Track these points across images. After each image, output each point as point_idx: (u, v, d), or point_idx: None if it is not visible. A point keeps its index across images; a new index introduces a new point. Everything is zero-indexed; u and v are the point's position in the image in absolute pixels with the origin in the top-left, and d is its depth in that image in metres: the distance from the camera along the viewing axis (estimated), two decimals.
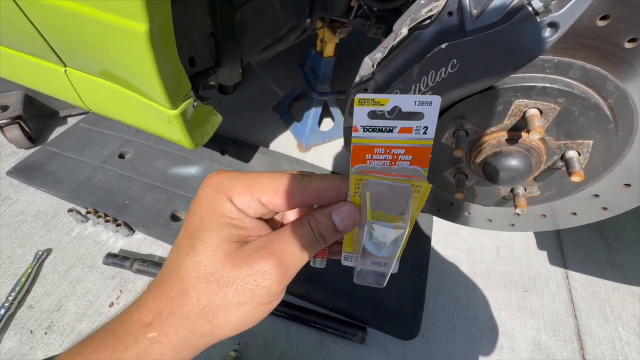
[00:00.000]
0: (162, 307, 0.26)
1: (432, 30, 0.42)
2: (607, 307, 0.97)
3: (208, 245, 0.26)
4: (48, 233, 0.98)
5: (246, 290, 0.25)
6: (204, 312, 0.26)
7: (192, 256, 0.26)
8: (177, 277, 0.27)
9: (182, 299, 0.26)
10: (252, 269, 0.26)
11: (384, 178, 0.25)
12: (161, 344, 0.25)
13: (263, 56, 0.96)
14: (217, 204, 0.27)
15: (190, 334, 0.26)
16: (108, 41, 0.53)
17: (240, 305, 0.25)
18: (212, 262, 0.26)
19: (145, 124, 0.73)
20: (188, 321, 0.26)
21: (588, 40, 0.42)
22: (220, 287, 0.26)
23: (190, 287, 0.26)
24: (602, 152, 0.50)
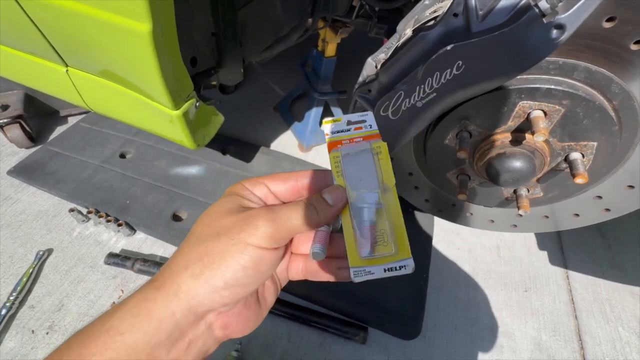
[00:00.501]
0: (166, 265, 0.29)
1: (438, 31, 0.42)
2: (607, 307, 0.97)
3: (216, 207, 0.31)
4: (49, 233, 0.98)
5: (236, 228, 0.28)
6: (200, 253, 0.27)
7: (201, 219, 0.30)
8: (185, 241, 0.30)
9: (185, 243, 0.29)
10: (245, 214, 0.29)
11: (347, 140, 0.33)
12: (157, 290, 0.26)
13: (265, 56, 0.95)
14: (231, 189, 0.33)
15: (182, 275, 0.27)
16: (110, 41, 0.53)
17: (229, 242, 0.27)
18: (216, 215, 0.30)
19: (147, 124, 0.73)
20: (183, 261, 0.27)
21: (593, 41, 0.42)
22: (217, 231, 0.28)
23: (195, 231, 0.29)
24: (606, 153, 0.50)
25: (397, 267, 0.29)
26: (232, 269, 0.26)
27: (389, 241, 0.29)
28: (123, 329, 0.25)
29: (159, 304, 0.26)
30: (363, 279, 0.30)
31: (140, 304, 0.26)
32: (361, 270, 0.29)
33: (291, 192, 0.33)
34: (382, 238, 0.30)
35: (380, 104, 0.48)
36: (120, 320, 0.25)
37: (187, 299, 0.26)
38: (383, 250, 0.29)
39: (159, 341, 0.25)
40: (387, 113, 0.48)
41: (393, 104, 0.47)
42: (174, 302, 0.26)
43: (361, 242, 0.29)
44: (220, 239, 0.27)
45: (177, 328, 0.26)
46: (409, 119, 0.47)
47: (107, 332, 0.25)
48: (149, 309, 0.26)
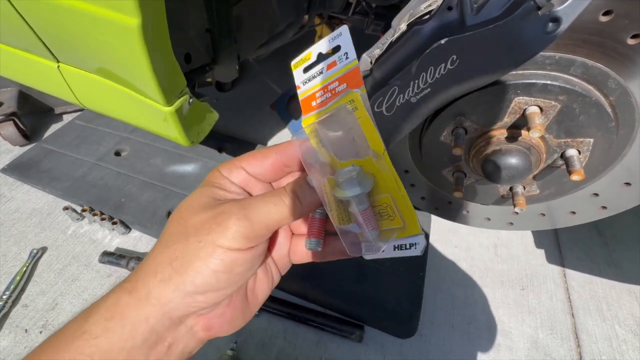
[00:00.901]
0: (139, 267, 0.27)
1: (432, 25, 0.41)
2: (604, 305, 0.97)
3: (189, 201, 0.28)
4: (43, 231, 0.97)
5: (205, 228, 0.25)
6: (169, 256, 0.25)
7: (174, 214, 0.28)
8: (158, 241, 0.28)
9: (154, 251, 0.27)
10: (215, 211, 0.26)
11: (322, 112, 0.26)
12: (130, 294, 0.25)
13: (260, 53, 0.95)
14: (208, 177, 0.30)
15: (152, 281, 0.25)
16: (100, 36, 0.52)
17: (197, 245, 0.25)
18: (187, 211, 0.27)
19: (140, 121, 0.72)
20: (153, 264, 0.26)
21: (590, 36, 0.41)
22: (186, 231, 0.26)
23: (164, 239, 0.27)
24: (602, 150, 0.49)
25: (407, 245, 0.26)
26: (202, 274, 0.24)
27: (396, 213, 0.25)
28: (97, 333, 0.24)
29: (131, 308, 0.25)
30: (374, 256, 0.27)
31: (113, 308, 0.25)
32: (370, 246, 0.27)
33: (274, 170, 0.30)
34: (386, 211, 0.25)
35: (374, 99, 0.47)
36: (94, 324, 0.24)
37: (159, 304, 0.25)
38: (390, 224, 0.25)
39: (134, 345, 0.24)
40: (382, 109, 0.47)
41: (387, 99, 0.46)
42: (146, 307, 0.25)
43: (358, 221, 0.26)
44: (188, 241, 0.25)
45: (153, 332, 0.25)
46: (403, 115, 0.46)
47: (80, 336, 0.24)
48: (122, 313, 0.24)
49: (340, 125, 0.26)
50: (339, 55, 0.26)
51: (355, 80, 0.25)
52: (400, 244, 0.26)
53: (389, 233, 0.26)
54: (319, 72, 0.27)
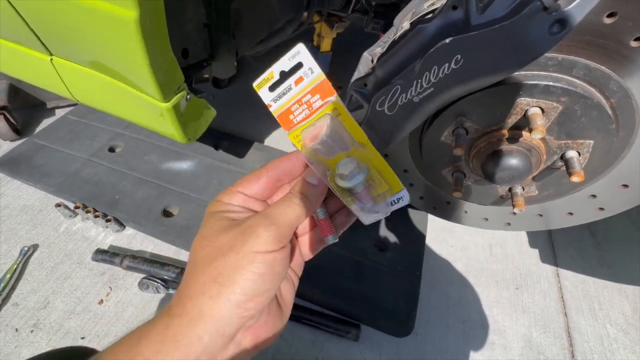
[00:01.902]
0: (181, 292, 0.28)
1: (436, 24, 0.41)
2: (596, 304, 0.98)
3: (206, 230, 0.30)
4: (34, 228, 0.95)
5: (238, 242, 0.27)
6: (211, 275, 0.27)
7: (197, 243, 0.30)
8: (190, 266, 0.29)
9: (193, 275, 0.28)
10: (242, 227, 0.29)
11: (307, 123, 0.30)
12: (180, 317, 0.26)
13: (259, 49, 0.93)
14: (210, 208, 0.32)
15: (201, 299, 0.26)
16: (96, 29, 0.51)
17: (237, 256, 0.27)
18: (210, 237, 0.29)
19: (136, 117, 0.71)
20: (200, 289, 0.27)
21: (593, 38, 0.41)
22: (220, 250, 0.28)
23: (199, 262, 0.29)
24: (602, 152, 0.49)
25: (396, 200, 0.31)
26: (250, 280, 0.26)
27: (382, 181, 0.31)
28: (149, 356, 0.24)
29: (183, 329, 0.25)
30: (373, 219, 0.32)
31: (164, 332, 0.26)
32: (366, 214, 0.31)
33: (267, 187, 0.33)
34: (374, 183, 0.31)
35: (376, 98, 0.47)
36: (146, 346, 0.25)
37: (213, 321, 0.26)
38: (380, 190, 0.31)
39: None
40: (383, 108, 0.47)
41: (389, 98, 0.46)
42: (199, 326, 0.25)
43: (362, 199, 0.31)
44: (227, 256, 0.27)
45: (205, 352, 0.25)
46: (405, 114, 0.46)
47: (133, 358, 0.25)
48: (174, 336, 0.25)
49: (327, 129, 0.30)
50: (304, 70, 0.29)
51: (328, 89, 0.29)
52: (392, 201, 0.31)
53: (381, 197, 0.31)
54: (288, 89, 0.29)
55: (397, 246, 0.98)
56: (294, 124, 0.30)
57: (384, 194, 0.31)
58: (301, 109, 0.30)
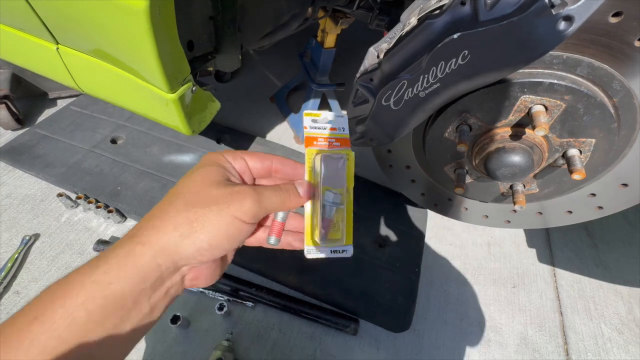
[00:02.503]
0: (151, 217, 0.31)
1: (444, 19, 0.41)
2: (591, 304, 0.99)
3: (201, 174, 0.33)
4: (36, 218, 0.95)
5: (224, 201, 0.31)
6: (189, 218, 0.30)
7: (187, 177, 0.33)
8: (172, 193, 0.32)
9: (170, 206, 0.31)
10: (234, 189, 0.32)
11: (328, 151, 0.37)
12: (143, 245, 0.29)
13: (263, 43, 0.93)
14: (214, 157, 0.35)
15: (170, 234, 0.29)
16: (105, 18, 0.51)
17: (218, 212, 0.30)
18: (203, 183, 0.32)
19: (142, 108, 0.71)
20: (171, 223, 0.30)
21: (598, 37, 0.42)
22: (206, 200, 0.31)
23: (181, 196, 0.31)
24: (603, 151, 0.50)
25: (340, 251, 0.37)
26: (218, 236, 0.30)
27: (340, 230, 0.37)
28: (111, 280, 0.27)
29: (145, 257, 0.29)
30: (313, 256, 0.37)
31: (126, 258, 0.28)
32: (313, 249, 0.36)
33: (265, 170, 0.38)
34: (334, 228, 0.37)
35: (382, 93, 0.47)
36: (106, 273, 0.27)
37: (172, 254, 0.29)
38: (334, 236, 0.37)
39: (144, 288, 0.28)
40: (389, 103, 0.47)
41: (395, 93, 0.46)
42: (160, 256, 0.29)
43: (320, 230, 0.36)
44: (210, 209, 0.30)
45: (160, 277, 0.29)
46: (410, 109, 0.47)
47: (94, 282, 0.27)
48: (135, 262, 0.28)
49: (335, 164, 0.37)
50: (339, 127, 0.39)
51: (347, 143, 0.38)
52: (336, 249, 0.37)
53: (331, 242, 0.37)
54: (324, 129, 0.38)
55: (396, 243, 0.99)
56: (313, 146, 0.38)
57: (335, 240, 0.37)
58: (324, 142, 0.38)
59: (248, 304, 0.84)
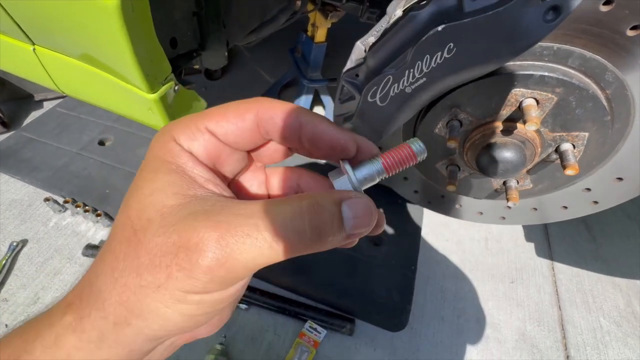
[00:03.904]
0: (86, 282, 0.19)
1: (428, 11, 0.39)
2: (590, 298, 0.98)
3: (141, 196, 0.19)
4: (23, 223, 0.94)
5: (163, 266, 0.17)
6: (118, 295, 0.18)
7: (123, 212, 0.19)
8: (108, 240, 0.20)
9: (101, 272, 0.19)
10: (180, 234, 0.17)
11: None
12: (74, 332, 0.18)
13: (250, 39, 0.91)
14: (158, 149, 0.20)
15: (103, 321, 0.18)
16: (77, 16, 0.49)
17: (156, 290, 0.17)
18: (139, 220, 0.18)
19: (124, 109, 0.69)
20: (103, 306, 0.18)
21: (589, 26, 0.40)
22: (138, 256, 0.18)
23: (109, 251, 0.19)
24: (597, 145, 0.49)
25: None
26: (171, 321, 0.18)
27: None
28: None
29: (80, 352, 0.18)
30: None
31: (53, 350, 0.18)
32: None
33: (252, 136, 0.21)
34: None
35: (368, 89, 0.45)
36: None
37: (120, 346, 0.18)
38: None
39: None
40: (375, 99, 0.45)
41: (381, 89, 0.45)
42: (103, 352, 0.18)
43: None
44: (141, 277, 0.17)
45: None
46: (397, 105, 0.45)
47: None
48: (68, 355, 0.18)
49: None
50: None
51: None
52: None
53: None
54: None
55: (392, 240, 0.98)
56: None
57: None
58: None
59: (242, 306, 0.83)
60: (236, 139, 0.21)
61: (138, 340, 0.18)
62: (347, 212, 0.18)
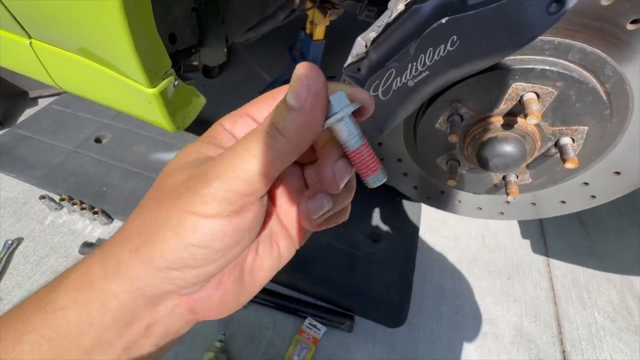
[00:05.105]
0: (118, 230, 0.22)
1: (432, 4, 0.39)
2: (585, 293, 1.00)
3: (174, 159, 0.22)
4: (18, 221, 0.92)
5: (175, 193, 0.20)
6: (141, 224, 0.21)
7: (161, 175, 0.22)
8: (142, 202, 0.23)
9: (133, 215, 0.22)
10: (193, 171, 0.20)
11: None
12: (101, 264, 0.21)
13: (249, 36, 0.91)
14: (207, 133, 0.24)
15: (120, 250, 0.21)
16: (77, 9, 0.48)
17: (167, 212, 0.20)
18: (167, 172, 0.22)
19: (122, 105, 0.68)
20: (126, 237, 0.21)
21: (590, 20, 0.40)
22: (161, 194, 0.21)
23: (147, 195, 0.22)
24: (596, 138, 0.49)
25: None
26: (172, 248, 0.19)
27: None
28: (64, 305, 0.20)
29: (100, 280, 0.20)
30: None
31: (82, 278, 0.21)
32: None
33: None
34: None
35: (370, 83, 0.45)
36: (62, 294, 0.20)
37: (129, 279, 0.20)
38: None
39: (104, 323, 0.20)
40: (377, 93, 0.46)
41: (383, 83, 0.45)
42: (113, 282, 0.20)
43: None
44: (160, 206, 0.20)
45: (126, 311, 0.20)
46: (399, 99, 0.45)
47: (45, 307, 0.20)
48: (90, 285, 0.20)
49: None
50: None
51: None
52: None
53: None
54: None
55: (390, 237, 0.98)
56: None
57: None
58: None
59: None
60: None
61: (144, 273, 0.20)
62: (290, 96, 0.19)
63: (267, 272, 0.25)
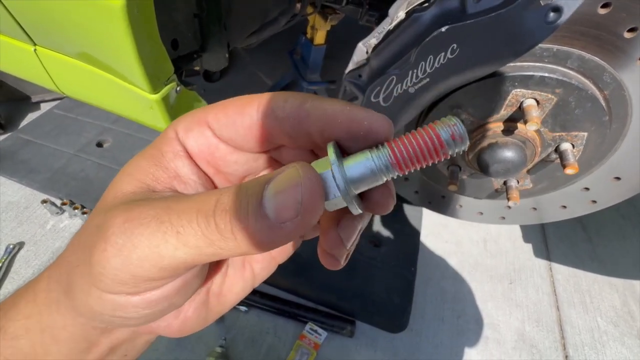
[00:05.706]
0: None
1: (432, 12, 0.40)
2: (587, 298, 0.99)
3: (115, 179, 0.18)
4: (20, 225, 0.92)
5: (86, 244, 0.16)
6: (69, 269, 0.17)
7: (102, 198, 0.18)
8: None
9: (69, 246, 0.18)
10: (103, 220, 0.16)
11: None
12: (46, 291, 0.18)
13: (251, 41, 0.92)
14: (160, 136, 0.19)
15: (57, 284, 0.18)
16: (81, 16, 0.49)
17: (83, 274, 0.16)
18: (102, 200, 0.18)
19: (125, 110, 0.69)
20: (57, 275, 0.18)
21: (588, 28, 0.41)
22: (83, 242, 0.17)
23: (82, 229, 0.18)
24: (595, 144, 0.49)
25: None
26: (90, 307, 0.17)
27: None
28: (15, 333, 0.18)
29: (46, 311, 0.18)
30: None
31: (31, 306, 0.18)
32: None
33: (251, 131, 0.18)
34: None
35: (371, 89, 0.46)
36: (12, 320, 0.18)
37: (75, 312, 0.17)
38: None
39: (61, 351, 0.18)
40: (378, 99, 0.46)
41: (384, 89, 0.45)
42: (58, 315, 0.18)
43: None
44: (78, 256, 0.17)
45: (78, 340, 0.18)
46: (400, 105, 0.45)
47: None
48: (40, 314, 0.18)
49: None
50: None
51: None
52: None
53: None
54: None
55: (392, 242, 0.98)
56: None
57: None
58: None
59: (241, 308, 0.83)
60: (232, 135, 0.18)
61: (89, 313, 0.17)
62: (269, 190, 0.14)
63: (237, 295, 0.22)
